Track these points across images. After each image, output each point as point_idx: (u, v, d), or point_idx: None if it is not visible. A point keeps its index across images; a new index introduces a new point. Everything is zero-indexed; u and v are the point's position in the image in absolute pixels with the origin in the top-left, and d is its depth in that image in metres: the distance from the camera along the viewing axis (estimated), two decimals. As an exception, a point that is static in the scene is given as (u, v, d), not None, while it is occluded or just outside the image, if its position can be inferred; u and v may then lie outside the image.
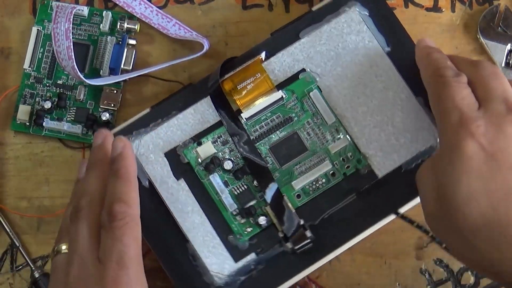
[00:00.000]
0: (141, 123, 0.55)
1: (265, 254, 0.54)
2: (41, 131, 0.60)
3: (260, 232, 0.54)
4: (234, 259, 0.54)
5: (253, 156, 0.53)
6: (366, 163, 0.54)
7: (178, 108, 0.55)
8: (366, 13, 0.56)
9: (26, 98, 0.60)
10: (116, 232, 0.46)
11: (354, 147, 0.54)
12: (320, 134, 0.55)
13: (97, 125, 0.59)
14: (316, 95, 0.55)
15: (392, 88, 0.55)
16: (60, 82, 0.60)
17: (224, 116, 0.54)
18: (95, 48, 0.60)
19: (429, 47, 0.53)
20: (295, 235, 0.52)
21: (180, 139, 0.55)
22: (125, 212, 0.47)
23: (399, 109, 0.54)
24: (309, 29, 0.56)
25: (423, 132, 0.54)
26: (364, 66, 0.55)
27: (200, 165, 0.54)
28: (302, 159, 0.54)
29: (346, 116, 0.55)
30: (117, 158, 0.49)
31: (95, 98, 0.60)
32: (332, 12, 0.56)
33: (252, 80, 0.54)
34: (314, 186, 0.54)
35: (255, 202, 0.54)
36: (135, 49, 0.60)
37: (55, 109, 0.60)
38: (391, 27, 0.56)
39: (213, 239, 0.54)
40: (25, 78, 0.60)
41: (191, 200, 0.54)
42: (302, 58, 0.55)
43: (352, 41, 0.55)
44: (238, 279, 0.53)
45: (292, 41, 0.56)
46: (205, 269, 0.53)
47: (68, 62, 0.55)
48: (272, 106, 0.55)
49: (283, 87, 0.55)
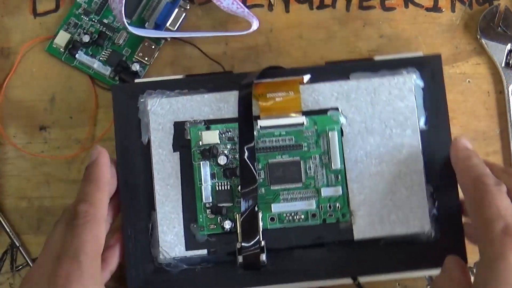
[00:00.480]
0: (168, 84, 0.56)
1: (216, 256, 0.54)
2: (72, 62, 0.61)
3: (221, 234, 0.54)
4: (186, 247, 0.54)
5: (249, 163, 0.53)
6: (349, 220, 0.54)
7: (208, 88, 0.55)
8: (421, 85, 0.55)
9: (69, 26, 0.61)
10: (75, 229, 0.48)
11: (345, 201, 0.54)
12: (320, 173, 0.54)
13: (124, 73, 0.60)
14: (334, 136, 0.54)
15: (409, 165, 0.54)
16: (106, 21, 0.62)
17: (242, 114, 0.54)
18: (149, 0, 0.61)
19: (467, 149, 0.52)
20: (250, 253, 0.52)
21: (194, 116, 0.55)
22: (87, 212, 0.49)
23: (404, 187, 0.54)
24: (361, 74, 0.55)
25: (416, 219, 0.53)
26: (393, 134, 0.54)
27: (198, 148, 0.54)
28: (292, 188, 0.54)
29: (353, 169, 0.54)
30: (91, 164, 0.52)
31: (132, 46, 0.61)
32: (390, 69, 0.55)
33: (284, 95, 0.54)
34: (291, 218, 0.54)
35: (230, 205, 0.54)
36: (185, 13, 0.61)
37: (92, 45, 0.61)
38: (438, 109, 0.55)
39: (177, 219, 0.54)
40: (75, 7, 0.62)
41: (176, 175, 0.54)
42: (341, 97, 0.55)
43: (394, 105, 0.55)
44: (181, 266, 0.54)
45: (340, 78, 0.55)
46: (156, 242, 0.54)
47: (117, 6, 0.56)
48: (290, 127, 0.55)
49: (309, 115, 0.55)
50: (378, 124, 0.54)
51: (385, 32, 0.62)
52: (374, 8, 0.62)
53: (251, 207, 0.53)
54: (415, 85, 0.55)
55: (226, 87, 0.55)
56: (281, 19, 0.62)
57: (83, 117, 0.61)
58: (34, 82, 0.62)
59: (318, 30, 0.62)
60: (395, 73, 0.55)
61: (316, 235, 0.54)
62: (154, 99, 0.55)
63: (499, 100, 0.61)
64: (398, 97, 0.55)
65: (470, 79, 0.61)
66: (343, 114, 0.55)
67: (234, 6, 0.60)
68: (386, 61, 0.56)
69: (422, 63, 0.55)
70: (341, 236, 0.54)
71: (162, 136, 0.55)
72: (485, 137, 0.61)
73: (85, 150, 0.61)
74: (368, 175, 0.54)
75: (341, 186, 0.54)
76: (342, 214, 0.54)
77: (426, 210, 0.53)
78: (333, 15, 0.62)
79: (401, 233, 0.53)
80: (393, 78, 0.55)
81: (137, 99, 0.55)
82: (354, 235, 0.53)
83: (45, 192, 0.61)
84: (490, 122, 0.61)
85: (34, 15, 0.63)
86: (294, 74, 0.55)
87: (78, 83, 0.62)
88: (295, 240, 0.54)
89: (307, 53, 0.62)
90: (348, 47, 0.62)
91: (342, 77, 0.55)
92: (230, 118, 0.55)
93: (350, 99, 0.55)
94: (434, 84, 0.55)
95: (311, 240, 0.54)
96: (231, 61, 0.61)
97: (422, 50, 0.61)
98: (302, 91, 0.55)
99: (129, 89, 0.56)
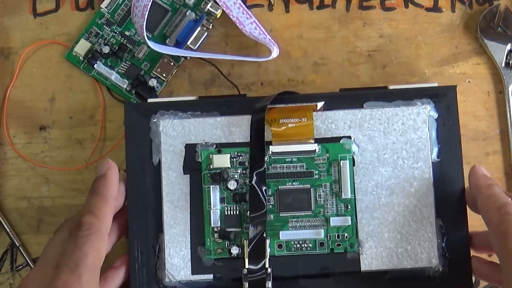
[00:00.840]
0: (181, 106, 0.56)
1: (222, 281, 0.54)
2: (90, 71, 0.61)
3: (228, 259, 0.54)
4: (192, 271, 0.54)
5: (259, 190, 0.53)
6: (357, 250, 0.53)
7: (221, 111, 0.55)
8: (435, 116, 0.55)
9: (90, 35, 0.62)
10: (78, 240, 0.48)
11: (354, 231, 0.54)
12: (330, 202, 0.54)
13: (141, 87, 0.60)
14: (346, 165, 0.54)
15: (419, 198, 0.54)
16: (127, 34, 0.62)
17: (254, 139, 0.54)
18: (172, 16, 0.61)
19: (487, 177, 0.52)
20: (256, 279, 0.52)
21: (205, 139, 0.55)
22: (92, 224, 0.49)
23: (414, 220, 0.53)
24: (376, 104, 0.55)
25: (424, 253, 0.53)
26: (405, 165, 0.54)
27: (208, 171, 0.54)
28: (301, 215, 0.54)
29: (363, 199, 0.54)
30: (100, 177, 0.53)
31: (152, 61, 0.61)
32: (405, 100, 0.55)
33: (297, 122, 0.54)
34: (299, 246, 0.54)
35: (238, 230, 0.54)
36: (207, 33, 0.61)
37: (111, 56, 0.61)
38: (451, 141, 0.54)
39: (184, 242, 0.54)
40: (98, 17, 0.62)
41: (185, 197, 0.54)
42: (354, 126, 0.54)
43: (407, 135, 0.54)
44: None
45: (354, 106, 0.55)
46: (163, 264, 0.54)
47: (139, 20, 0.56)
48: (301, 154, 0.54)
49: (321, 142, 0.54)
50: (390, 155, 0.54)
51: (385, 32, 0.62)
52: (374, 8, 0.62)
53: (259, 233, 0.52)
54: (429, 117, 0.54)
55: (239, 111, 0.55)
56: (281, 19, 0.62)
57: (83, 117, 0.61)
58: (34, 82, 0.62)
59: (318, 30, 0.62)
60: (409, 104, 0.55)
61: (323, 264, 0.53)
62: (167, 120, 0.55)
63: (499, 100, 0.61)
64: (412, 128, 0.54)
65: (470, 79, 0.61)
66: (356, 143, 0.54)
67: (256, 31, 0.60)
68: (400, 90, 0.55)
69: (437, 94, 0.55)
70: (348, 267, 0.53)
71: (173, 158, 0.55)
72: (485, 137, 0.61)
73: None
74: (378, 206, 0.54)
75: (350, 216, 0.54)
76: (350, 245, 0.54)
77: (435, 244, 0.53)
78: (333, 15, 0.62)
79: (408, 266, 0.53)
80: (407, 109, 0.55)
81: (149, 119, 0.55)
82: (361, 267, 0.53)
83: (45, 192, 0.61)
84: (490, 122, 0.61)
85: (34, 15, 0.63)
86: (308, 100, 0.55)
87: (78, 83, 0.62)
88: (301, 269, 0.53)
89: (307, 53, 0.62)
90: (348, 47, 0.62)
91: (356, 105, 0.55)
92: (242, 142, 0.55)
93: (363, 128, 0.54)
94: (448, 115, 0.55)
95: (318, 270, 0.53)
96: (231, 60, 0.61)
97: (422, 50, 0.61)
98: (315, 118, 0.55)
99: (142, 108, 0.56)
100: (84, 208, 0.51)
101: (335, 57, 0.61)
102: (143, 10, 0.55)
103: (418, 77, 0.61)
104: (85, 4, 0.63)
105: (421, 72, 0.61)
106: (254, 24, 0.60)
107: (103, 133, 0.61)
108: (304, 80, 0.61)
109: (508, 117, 0.60)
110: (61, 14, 0.63)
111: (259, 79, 0.61)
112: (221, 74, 0.61)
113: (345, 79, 0.61)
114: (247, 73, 0.61)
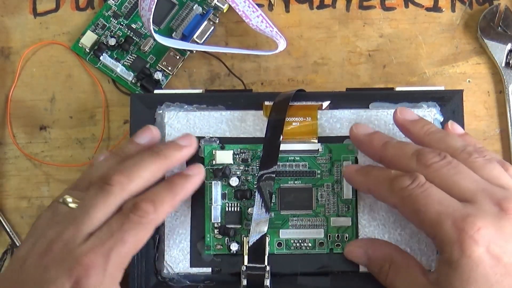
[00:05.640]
0: (187, 98, 0.56)
1: (220, 276, 0.54)
2: (96, 63, 0.61)
3: (227, 255, 0.54)
4: (191, 263, 0.54)
5: (265, 189, 0.52)
6: (356, 251, 0.53)
7: (227, 105, 0.55)
8: (440, 119, 0.54)
9: (96, 27, 0.61)
10: (125, 224, 0.46)
11: (354, 231, 0.54)
12: (331, 202, 0.54)
13: (146, 80, 0.60)
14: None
15: None
16: (134, 26, 0.61)
17: (269, 140, 0.53)
18: (179, 10, 0.61)
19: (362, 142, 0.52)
20: (254, 276, 0.52)
21: (210, 132, 0.55)
22: (148, 213, 0.46)
23: (414, 223, 0.53)
24: (381, 104, 0.55)
25: (424, 255, 0.53)
26: (408, 166, 0.54)
27: (211, 167, 0.54)
28: (302, 214, 0.54)
29: (365, 201, 0.54)
30: (186, 177, 0.50)
31: (158, 54, 0.61)
32: (410, 101, 0.55)
33: (301, 121, 0.54)
34: (298, 245, 0.54)
35: (238, 227, 0.54)
36: (213, 27, 0.61)
37: (117, 48, 0.61)
38: None
39: (184, 235, 0.54)
40: (105, 8, 0.62)
41: None
42: (359, 126, 0.54)
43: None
44: (184, 282, 0.54)
45: (359, 106, 0.55)
46: (162, 255, 0.54)
47: (146, 13, 0.56)
48: (304, 153, 0.54)
49: (325, 142, 0.54)
50: None
51: (385, 32, 0.62)
52: (374, 8, 0.62)
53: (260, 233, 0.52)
54: (434, 120, 0.54)
55: (245, 106, 0.55)
56: (281, 19, 0.62)
57: (83, 117, 0.61)
58: (34, 82, 0.62)
59: (318, 30, 0.62)
60: (415, 106, 0.55)
61: (321, 263, 0.54)
62: (172, 112, 0.55)
63: (499, 100, 0.61)
64: (416, 131, 0.54)
65: (470, 79, 0.61)
66: (359, 144, 0.54)
67: (263, 24, 0.60)
68: (407, 92, 0.55)
69: (443, 98, 0.55)
70: (346, 266, 0.53)
71: (177, 150, 0.55)
72: (485, 137, 0.61)
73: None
74: (378, 207, 0.54)
75: (351, 217, 0.54)
76: (350, 245, 0.54)
77: (434, 247, 0.53)
78: (333, 15, 0.62)
79: (407, 268, 0.53)
80: (413, 111, 0.54)
81: (155, 110, 0.55)
82: (360, 267, 0.53)
83: (45, 192, 0.61)
84: (490, 122, 0.61)
85: (34, 15, 0.63)
86: (314, 99, 0.55)
87: (78, 83, 0.62)
88: (300, 268, 0.54)
89: (307, 53, 0.62)
90: (348, 46, 0.62)
91: (362, 105, 0.55)
92: (246, 138, 0.55)
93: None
94: (454, 119, 0.54)
95: (316, 269, 0.54)
96: (232, 60, 0.61)
97: (422, 50, 0.61)
98: (320, 117, 0.55)
99: (148, 100, 0.56)
100: (148, 193, 0.48)
101: (335, 57, 0.61)
102: (150, 3, 0.55)
103: (418, 77, 0.61)
104: (85, 4, 0.62)
105: (421, 72, 0.61)
106: (260, 17, 0.60)
107: (106, 132, 0.61)
108: (304, 80, 0.61)
109: (508, 117, 0.60)
110: (61, 14, 0.63)
111: (259, 78, 0.61)
112: (223, 71, 0.61)
113: (345, 79, 0.61)
114: (247, 73, 0.61)
